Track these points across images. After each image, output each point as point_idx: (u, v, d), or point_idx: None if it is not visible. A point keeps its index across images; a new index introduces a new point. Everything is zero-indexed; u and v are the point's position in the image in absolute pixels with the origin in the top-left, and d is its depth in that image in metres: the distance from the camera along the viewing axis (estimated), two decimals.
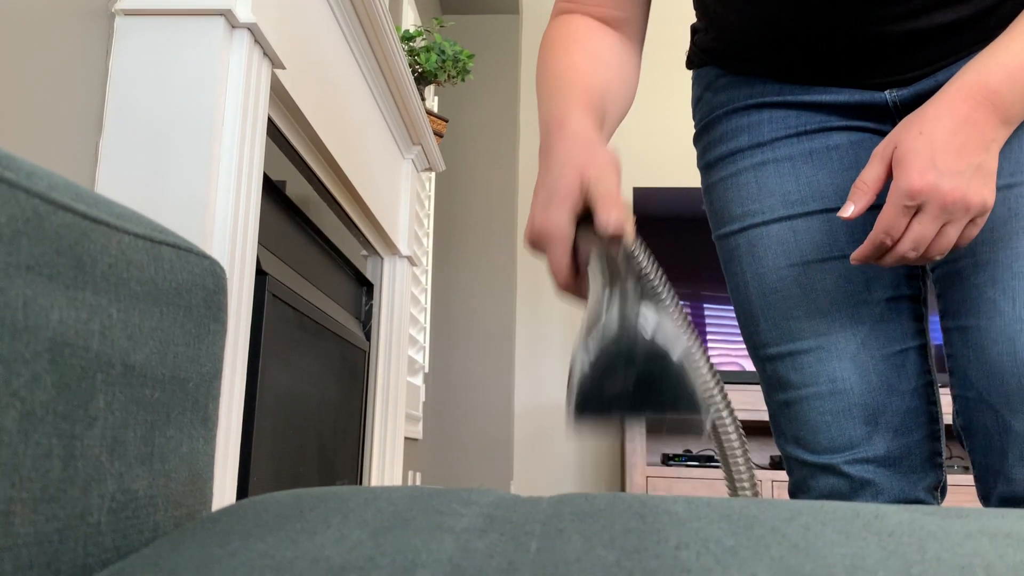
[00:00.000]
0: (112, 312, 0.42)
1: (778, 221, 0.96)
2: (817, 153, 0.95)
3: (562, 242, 0.68)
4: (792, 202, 0.95)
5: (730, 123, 1.00)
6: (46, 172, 0.40)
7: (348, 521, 0.36)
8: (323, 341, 1.88)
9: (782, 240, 0.95)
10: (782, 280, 0.95)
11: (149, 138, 1.13)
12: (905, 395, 0.93)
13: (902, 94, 0.93)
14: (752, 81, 0.99)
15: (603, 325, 0.56)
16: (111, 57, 1.16)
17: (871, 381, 0.92)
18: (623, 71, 0.89)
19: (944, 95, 0.79)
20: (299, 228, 1.79)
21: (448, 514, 0.37)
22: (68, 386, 0.38)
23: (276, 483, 1.55)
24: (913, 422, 0.93)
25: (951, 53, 0.89)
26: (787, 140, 0.96)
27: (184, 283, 0.49)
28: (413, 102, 2.30)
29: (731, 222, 0.99)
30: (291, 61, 1.45)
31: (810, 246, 0.94)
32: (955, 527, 0.35)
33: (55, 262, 0.38)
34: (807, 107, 0.97)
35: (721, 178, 1.00)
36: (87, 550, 0.39)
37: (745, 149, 0.98)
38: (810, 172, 0.95)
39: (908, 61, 0.90)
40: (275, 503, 0.41)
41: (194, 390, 0.50)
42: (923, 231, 0.76)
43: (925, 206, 0.75)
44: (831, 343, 0.93)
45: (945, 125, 0.77)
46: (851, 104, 0.95)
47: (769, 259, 0.96)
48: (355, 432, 2.20)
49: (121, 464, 0.42)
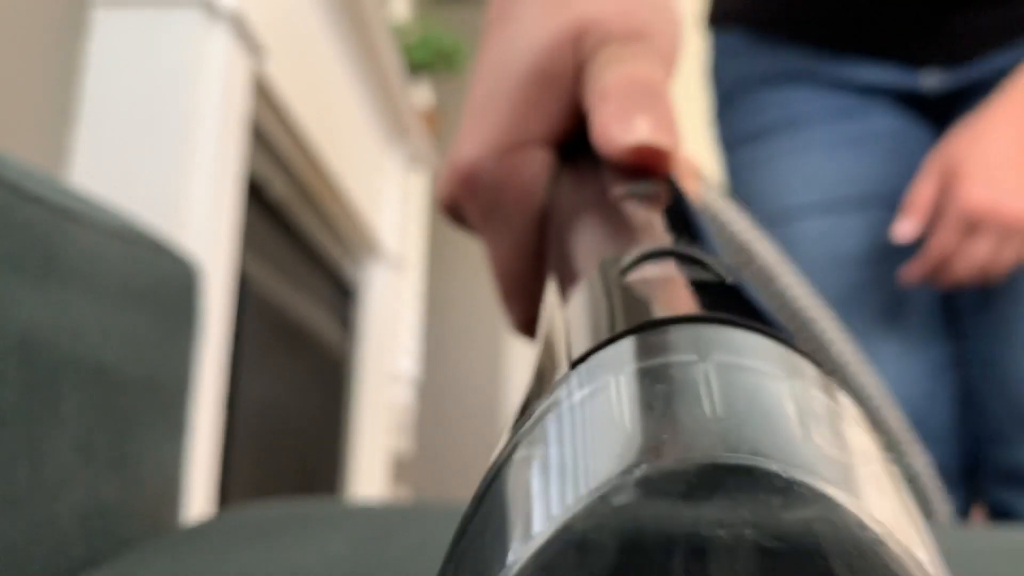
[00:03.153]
0: (83, 309, 0.40)
1: (817, 216, 0.89)
2: (858, 140, 0.89)
3: (520, 201, 0.30)
4: (831, 195, 0.89)
5: (758, 98, 0.92)
6: (17, 162, 0.38)
7: (329, 535, 0.35)
8: (304, 347, 1.86)
9: (821, 238, 0.89)
10: (824, 282, 0.91)
11: (124, 132, 1.11)
12: (946, 403, 0.90)
13: (945, 81, 0.85)
14: (777, 48, 0.91)
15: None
16: (87, 49, 1.13)
17: (913, 389, 0.88)
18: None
19: (999, 104, 0.73)
20: (280, 230, 1.77)
21: (432, 528, 0.36)
22: (37, 386, 0.37)
23: (254, 492, 1.53)
24: (952, 433, 0.90)
25: (1002, 28, 0.82)
26: (825, 123, 0.89)
27: (158, 282, 0.47)
28: (402, 96, 2.27)
29: (763, 212, 0.94)
30: (274, 52, 1.42)
31: (851, 245, 0.88)
32: (969, 544, 0.34)
33: (24, 255, 0.36)
34: (842, 85, 0.90)
35: (752, 160, 0.93)
36: (55, 559, 0.38)
37: (777, 128, 0.90)
38: (852, 161, 0.88)
39: (957, 31, 0.83)
40: (253, 515, 0.39)
41: (168, 394, 0.48)
42: (980, 252, 0.71)
43: (983, 226, 0.71)
44: (874, 349, 0.90)
45: (1004, 135, 0.72)
46: (887, 88, 0.88)
47: (809, 260, 0.91)
48: (337, 440, 2.17)
49: (91, 470, 0.41)
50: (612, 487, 0.10)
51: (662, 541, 0.10)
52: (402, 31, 2.64)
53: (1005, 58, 0.81)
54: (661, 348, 0.13)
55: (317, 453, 2.00)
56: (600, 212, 0.24)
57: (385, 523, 0.37)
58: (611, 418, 0.12)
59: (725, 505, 0.10)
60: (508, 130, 0.29)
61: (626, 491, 0.10)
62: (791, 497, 0.10)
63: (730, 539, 0.10)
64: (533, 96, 0.29)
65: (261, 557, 0.33)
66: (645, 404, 0.12)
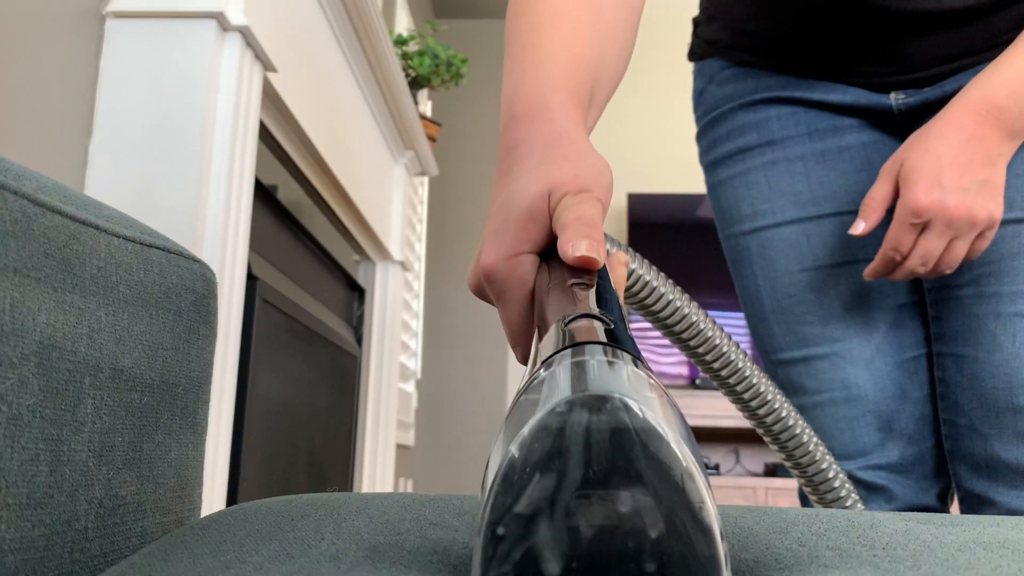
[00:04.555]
0: (101, 315, 0.41)
1: (790, 224, 0.95)
2: (829, 153, 0.95)
3: (519, 287, 0.48)
4: (804, 203, 0.94)
5: (736, 119, 0.98)
6: (35, 174, 0.39)
7: (341, 531, 0.36)
8: (314, 347, 1.88)
9: (795, 244, 0.94)
10: (795, 285, 0.95)
11: (139, 141, 1.13)
12: (918, 402, 0.93)
13: (908, 101, 0.92)
14: (757, 73, 0.98)
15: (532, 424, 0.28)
16: (102, 59, 1.15)
17: (885, 388, 0.92)
18: (623, 27, 0.65)
19: (949, 112, 0.80)
20: (290, 233, 1.78)
21: (441, 526, 0.37)
22: (55, 390, 0.38)
23: (266, 490, 1.55)
24: (925, 429, 0.93)
25: (959, 54, 0.89)
26: (798, 139, 0.95)
27: (174, 287, 0.48)
28: (406, 106, 2.29)
29: (740, 222, 0.98)
30: (283, 64, 1.44)
31: (823, 251, 0.94)
32: (950, 537, 0.35)
33: (43, 264, 0.37)
34: (815, 106, 0.96)
35: (729, 176, 0.99)
36: (74, 556, 0.39)
37: (754, 147, 0.97)
38: (822, 173, 0.94)
39: (915, 56, 0.90)
40: (265, 510, 0.41)
41: (183, 395, 0.49)
42: (930, 247, 0.78)
43: (931, 223, 0.77)
44: (846, 349, 0.93)
45: (951, 142, 0.78)
46: (858, 107, 0.94)
47: (782, 263, 0.95)
48: (346, 438, 2.19)
49: (109, 469, 0.42)
50: (556, 406, 0.24)
51: (577, 429, 0.24)
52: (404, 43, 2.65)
53: (963, 78, 0.87)
54: (579, 354, 0.30)
55: (327, 448, 2.02)
56: (560, 293, 0.42)
57: (396, 515, 0.38)
58: (558, 383, 0.27)
59: (600, 413, 0.24)
60: (511, 246, 0.48)
61: (562, 407, 0.24)
62: (623, 407, 0.24)
63: (601, 428, 0.24)
64: (525, 226, 0.48)
65: (277, 556, 0.34)
66: (573, 376, 0.28)
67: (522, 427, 0.24)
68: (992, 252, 0.85)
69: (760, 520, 0.38)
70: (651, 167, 3.92)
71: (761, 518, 0.38)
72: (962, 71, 0.89)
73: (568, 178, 0.49)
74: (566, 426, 0.24)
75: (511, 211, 0.49)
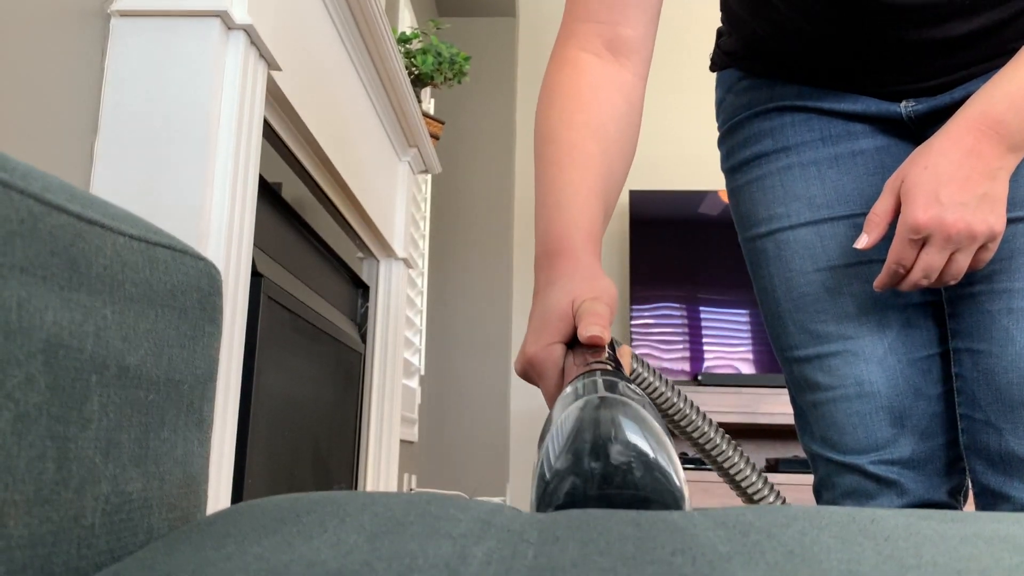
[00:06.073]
0: (107, 313, 0.41)
1: (805, 225, 0.97)
2: (843, 158, 0.97)
3: (553, 367, 0.67)
4: (818, 206, 0.96)
5: (753, 127, 1.01)
6: (41, 173, 0.40)
7: (344, 525, 0.36)
8: (319, 343, 1.88)
9: (809, 245, 0.97)
10: (810, 284, 0.97)
11: (144, 140, 1.13)
12: (931, 399, 0.94)
13: (918, 108, 0.94)
14: (773, 84, 1.00)
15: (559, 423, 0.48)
16: (106, 58, 1.15)
17: (898, 385, 0.94)
18: (628, 132, 0.82)
19: (950, 128, 0.81)
20: (295, 230, 1.79)
21: (445, 519, 0.37)
22: (62, 388, 0.38)
23: (271, 486, 1.55)
24: (938, 426, 0.94)
25: (970, 63, 0.90)
26: (812, 144, 0.98)
27: (179, 285, 0.49)
28: (409, 104, 2.29)
29: (757, 225, 1.01)
30: (287, 63, 1.45)
31: (837, 251, 0.96)
32: (951, 531, 0.35)
33: (49, 263, 0.37)
34: (827, 114, 0.98)
35: (747, 181, 1.02)
36: (81, 552, 0.39)
37: (770, 153, 1.00)
38: (835, 176, 0.96)
39: (927, 68, 0.91)
40: (271, 507, 0.41)
41: (189, 392, 0.50)
42: (931, 261, 0.80)
43: (931, 238, 0.79)
44: (859, 347, 0.94)
45: (950, 158, 0.79)
46: (869, 115, 0.96)
47: (796, 263, 0.97)
48: (350, 435, 2.19)
49: (115, 466, 0.42)
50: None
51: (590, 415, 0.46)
52: (407, 41, 2.65)
53: (972, 85, 0.89)
54: (591, 374, 0.55)
55: (332, 445, 2.02)
56: (581, 366, 0.61)
57: (400, 513, 0.38)
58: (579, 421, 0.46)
59: (601, 406, 0.46)
60: (547, 338, 0.67)
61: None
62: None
63: (603, 415, 0.45)
64: (556, 325, 0.67)
65: (279, 546, 0.34)
66: (590, 418, 0.46)
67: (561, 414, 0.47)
68: (1003, 249, 0.86)
69: (761, 515, 0.38)
70: (652, 164, 3.91)
71: (763, 513, 0.39)
72: (971, 79, 0.90)
73: (586, 291, 0.68)
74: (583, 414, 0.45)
75: (547, 315, 0.68)
